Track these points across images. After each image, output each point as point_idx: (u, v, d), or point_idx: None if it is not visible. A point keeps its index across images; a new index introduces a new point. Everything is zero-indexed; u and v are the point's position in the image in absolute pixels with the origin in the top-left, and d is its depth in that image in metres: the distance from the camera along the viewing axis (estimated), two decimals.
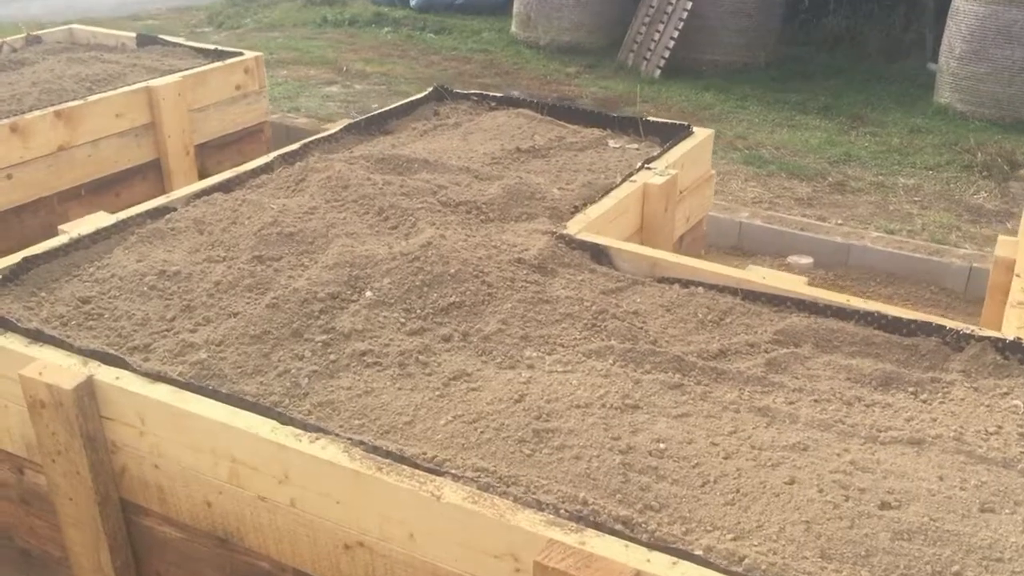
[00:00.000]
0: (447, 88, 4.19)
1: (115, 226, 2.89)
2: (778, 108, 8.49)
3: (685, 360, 2.27)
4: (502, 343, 2.36)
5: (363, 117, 3.82)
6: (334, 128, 3.69)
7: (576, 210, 3.03)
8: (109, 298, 2.55)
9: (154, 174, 4.28)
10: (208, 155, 4.52)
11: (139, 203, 4.21)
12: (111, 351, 2.24)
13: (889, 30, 10.35)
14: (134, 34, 5.08)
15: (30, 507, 2.49)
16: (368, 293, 2.51)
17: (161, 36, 5.07)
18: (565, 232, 2.85)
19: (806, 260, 4.90)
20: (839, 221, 5.96)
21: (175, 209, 3.03)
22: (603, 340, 2.37)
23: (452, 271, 2.57)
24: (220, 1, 13.71)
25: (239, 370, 2.25)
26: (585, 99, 8.72)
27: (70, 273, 2.68)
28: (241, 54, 4.68)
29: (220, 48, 4.79)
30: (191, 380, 2.16)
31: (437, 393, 2.18)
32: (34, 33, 5.03)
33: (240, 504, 2.08)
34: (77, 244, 2.78)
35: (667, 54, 9.36)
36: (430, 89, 4.17)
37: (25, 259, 2.65)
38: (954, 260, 4.80)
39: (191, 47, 4.89)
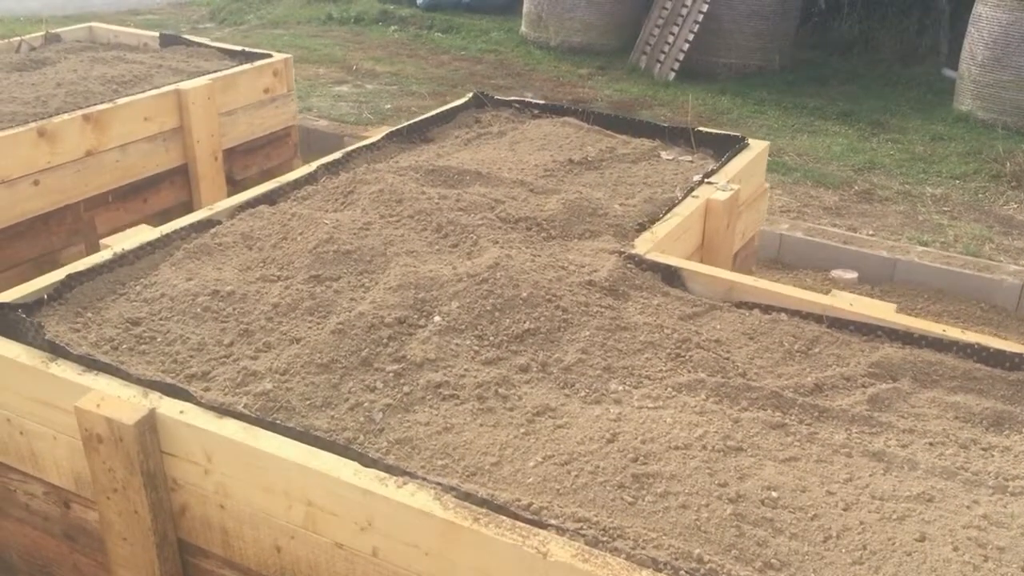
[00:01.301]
0: (487, 95, 4.04)
1: (159, 240, 2.74)
2: (796, 113, 8.38)
3: (783, 396, 2.13)
4: (584, 375, 2.23)
5: (404, 125, 3.68)
6: (375, 136, 3.55)
7: (641, 227, 2.90)
8: (160, 320, 2.40)
9: (181, 180, 4.12)
10: (235, 160, 4.37)
11: (167, 210, 4.09)
12: (173, 381, 2.09)
13: (903, 35, 10.24)
14: (156, 33, 4.92)
15: (75, 543, 2.34)
16: (437, 318, 2.37)
17: (185, 36, 4.91)
18: (634, 252, 2.71)
19: (851, 275, 4.77)
20: (870, 232, 5.85)
21: (220, 222, 2.88)
22: (691, 372, 2.24)
23: (524, 295, 2.43)
24: None
25: (307, 402, 2.11)
26: (600, 102, 8.58)
27: (116, 291, 2.53)
28: (270, 55, 4.52)
29: (247, 49, 4.63)
30: (259, 414, 2.02)
31: (522, 430, 2.04)
32: (53, 31, 4.86)
33: (315, 551, 1.94)
34: (121, 260, 2.63)
35: (681, 56, 9.23)
36: (469, 96, 4.03)
37: (69, 276, 2.50)
38: (1005, 277, 4.68)
39: (217, 48, 4.72)
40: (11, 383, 2.21)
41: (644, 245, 2.75)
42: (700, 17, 9.11)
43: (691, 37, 9.18)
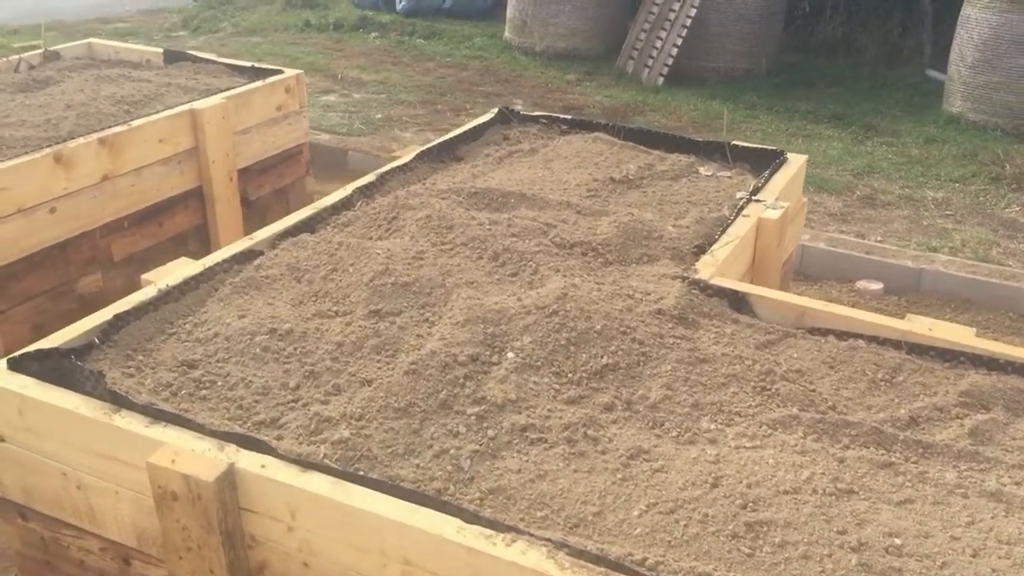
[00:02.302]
0: (513, 110, 3.95)
1: (203, 274, 2.62)
2: (789, 117, 8.35)
3: (883, 432, 2.06)
4: (673, 412, 2.14)
5: (434, 144, 3.58)
6: (407, 157, 3.44)
7: (698, 250, 2.82)
8: (217, 362, 2.28)
9: (196, 202, 3.98)
10: (249, 180, 4.23)
11: (182, 233, 3.96)
12: (251, 433, 1.98)
13: (886, 37, 10.28)
14: (159, 49, 4.76)
15: None
16: (510, 354, 2.27)
17: (190, 51, 4.75)
18: (698, 277, 2.63)
19: (876, 285, 4.73)
20: (878, 238, 5.82)
21: (262, 253, 2.77)
22: (781, 407, 2.16)
23: (597, 327, 2.34)
24: (193, 4, 13.28)
25: (389, 450, 2.01)
26: (592, 108, 8.52)
27: (164, 331, 2.41)
28: (281, 71, 4.39)
29: (256, 65, 4.49)
30: (340, 464, 1.91)
31: (619, 476, 1.95)
32: (52, 48, 4.68)
33: None
34: (166, 297, 2.51)
35: (670, 61, 9.18)
36: (495, 111, 3.93)
37: (116, 316, 2.37)
38: None
39: (225, 64, 4.58)
40: (69, 436, 2.08)
41: (707, 269, 2.67)
42: (688, 21, 9.07)
43: (679, 42, 9.13)
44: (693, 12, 9.05)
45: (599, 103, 8.70)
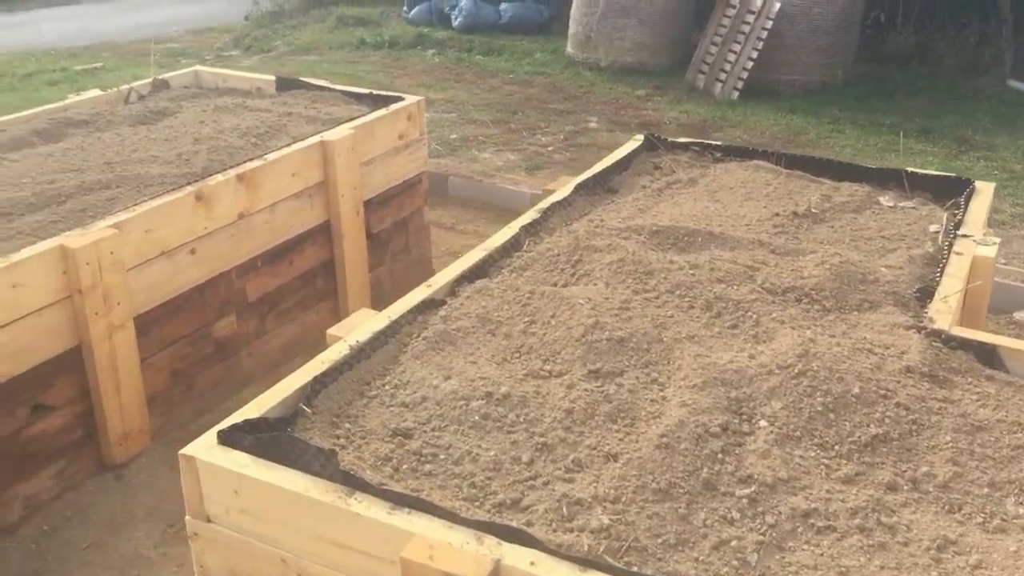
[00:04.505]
0: (660, 137, 3.71)
1: (390, 328, 2.39)
2: (875, 131, 8.07)
3: None
4: (969, 493, 1.89)
5: (588, 176, 3.34)
6: (564, 190, 3.21)
7: (921, 294, 2.57)
8: (434, 431, 2.05)
9: (323, 238, 3.76)
10: (372, 212, 4.01)
11: (310, 271, 3.75)
12: (510, 522, 1.74)
13: (963, 45, 9.98)
14: (271, 77, 4.55)
15: None
16: (763, 423, 2.03)
17: (302, 79, 4.54)
18: (936, 327, 2.38)
19: None
20: (1002, 260, 5.54)
21: (444, 302, 2.54)
22: None
23: (855, 391, 2.09)
24: (243, 23, 13.15)
25: (659, 540, 1.76)
26: (668, 124, 8.27)
27: (364, 394, 2.18)
28: (402, 98, 4.17)
29: (375, 92, 4.28)
30: (614, 560, 1.67)
31: (933, 573, 1.70)
32: (160, 77, 4.49)
33: None
34: (359, 354, 2.28)
35: (745, 75, 8.94)
36: (641, 139, 3.69)
37: (315, 379, 2.15)
38: None
39: (341, 91, 4.36)
40: (294, 520, 1.85)
41: (943, 318, 2.42)
42: (764, 34, 8.82)
43: (755, 55, 8.89)
44: (769, 24, 8.80)
45: (675, 119, 8.45)
